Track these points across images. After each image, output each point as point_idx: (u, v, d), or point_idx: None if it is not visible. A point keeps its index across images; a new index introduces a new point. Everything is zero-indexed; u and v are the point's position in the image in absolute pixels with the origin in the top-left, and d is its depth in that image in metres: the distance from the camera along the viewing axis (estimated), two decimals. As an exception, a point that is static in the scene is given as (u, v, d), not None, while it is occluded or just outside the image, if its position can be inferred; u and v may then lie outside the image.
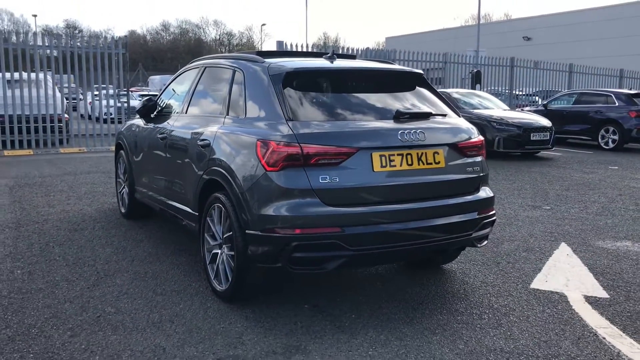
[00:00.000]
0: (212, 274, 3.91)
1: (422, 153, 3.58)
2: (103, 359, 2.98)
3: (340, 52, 14.81)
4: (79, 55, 13.48)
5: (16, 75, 12.92)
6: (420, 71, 4.26)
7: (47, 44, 13.52)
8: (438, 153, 3.65)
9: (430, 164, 3.61)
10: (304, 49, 15.39)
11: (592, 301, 3.91)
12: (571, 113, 15.44)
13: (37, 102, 13.00)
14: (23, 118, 12.91)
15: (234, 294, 3.68)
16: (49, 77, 13.40)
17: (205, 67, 4.74)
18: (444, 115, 3.95)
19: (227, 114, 4.03)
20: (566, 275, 4.46)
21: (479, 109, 12.90)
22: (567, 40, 41.61)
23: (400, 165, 3.49)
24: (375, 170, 3.42)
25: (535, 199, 7.66)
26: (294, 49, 14.69)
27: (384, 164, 3.44)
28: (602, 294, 4.06)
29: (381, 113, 3.71)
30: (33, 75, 13.10)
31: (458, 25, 67.08)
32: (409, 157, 3.53)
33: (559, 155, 13.18)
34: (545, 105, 16.23)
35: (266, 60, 3.97)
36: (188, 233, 5.40)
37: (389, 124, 3.59)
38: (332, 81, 3.88)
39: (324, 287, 4.11)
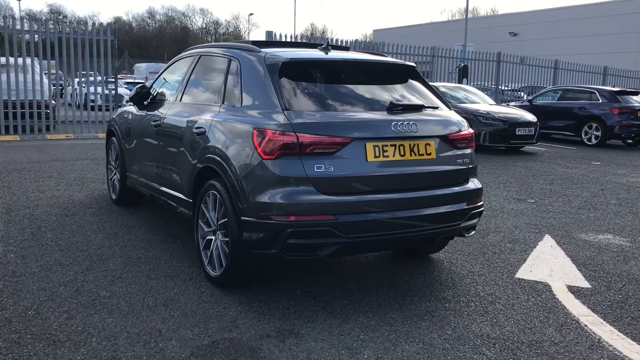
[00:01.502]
0: (205, 259, 3.98)
1: (414, 144, 3.67)
2: (100, 340, 3.04)
3: (330, 43, 14.85)
4: (66, 41, 13.38)
5: (2, 60, 12.79)
6: (413, 64, 4.34)
7: (34, 29, 13.40)
8: (430, 144, 3.74)
9: (422, 155, 3.70)
10: (292, 40, 15.41)
11: (574, 291, 4.04)
12: (555, 109, 15.66)
13: (23, 88, 12.90)
14: (9, 103, 12.81)
15: (228, 280, 3.76)
16: (36, 63, 13.28)
17: (200, 56, 4.78)
18: (436, 107, 4.04)
19: (223, 103, 4.09)
20: (550, 265, 4.59)
21: (465, 103, 13.05)
22: (553, 36, 42.03)
23: (393, 156, 3.58)
24: (368, 160, 3.50)
25: (520, 192, 7.81)
26: (283, 39, 14.70)
27: (377, 154, 3.53)
28: (584, 284, 4.20)
29: (375, 104, 3.79)
30: (20, 60, 12.98)
31: (445, 19, 67.34)
32: (401, 148, 3.62)
33: (543, 150, 13.39)
34: (530, 101, 16.44)
35: (262, 50, 4.02)
36: (180, 219, 5.45)
37: (382, 115, 3.68)
38: (328, 72, 3.95)
39: (316, 274, 4.20)
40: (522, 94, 21.40)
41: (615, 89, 15.77)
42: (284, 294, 3.77)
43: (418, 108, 3.88)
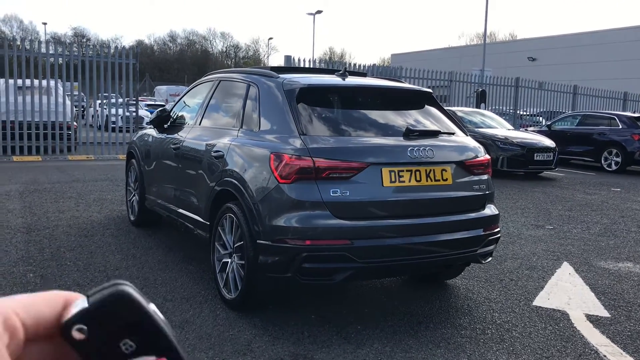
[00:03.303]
0: (221, 282, 4.00)
1: (430, 170, 3.68)
2: (116, 361, 3.06)
3: (348, 68, 14.97)
4: (90, 64, 13.67)
5: (27, 82, 13.09)
6: (430, 90, 4.38)
7: (59, 52, 13.72)
8: (446, 170, 3.75)
9: (438, 180, 3.71)
10: (311, 64, 15.57)
11: (593, 320, 3.98)
12: (575, 134, 15.55)
13: (46, 109, 13.16)
14: (32, 124, 13.07)
15: (243, 303, 3.77)
16: (59, 85, 13.56)
17: (220, 81, 4.86)
18: (452, 133, 4.06)
19: (241, 127, 4.15)
20: (568, 293, 4.54)
21: (483, 127, 13.02)
22: (572, 61, 41.85)
23: (409, 181, 3.60)
24: (384, 185, 3.52)
25: (538, 218, 7.74)
26: (302, 63, 14.86)
27: (393, 180, 3.55)
28: (604, 313, 4.13)
29: (391, 130, 3.83)
30: (44, 82, 13.27)
31: (463, 43, 67.56)
32: (417, 173, 3.63)
33: (562, 175, 13.27)
34: (549, 126, 16.35)
35: (280, 75, 4.09)
36: (197, 241, 5.49)
37: (398, 141, 3.70)
38: (344, 97, 4.00)
39: (331, 299, 4.19)
40: (540, 119, 21.31)
41: (636, 114, 15.63)
42: (299, 318, 3.76)
43: (434, 134, 3.90)
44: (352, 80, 4.23)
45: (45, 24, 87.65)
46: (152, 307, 0.44)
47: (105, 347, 0.43)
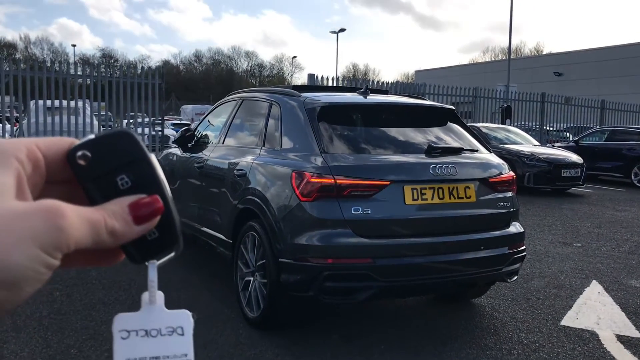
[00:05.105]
0: (244, 300, 3.99)
1: (453, 187, 3.65)
2: (138, 380, 3.07)
3: (371, 85, 15.04)
4: (117, 84, 13.94)
5: (56, 102, 13.38)
6: (452, 107, 4.36)
7: (87, 73, 14.02)
8: (469, 188, 3.71)
9: (462, 198, 3.67)
10: (334, 82, 15.63)
11: (624, 340, 3.87)
12: (603, 150, 15.28)
13: (74, 129, 13.40)
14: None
15: (266, 321, 3.76)
16: (87, 105, 13.83)
17: (243, 100, 4.91)
18: (475, 150, 4.02)
19: (263, 146, 4.17)
20: (597, 313, 4.43)
21: (508, 144, 12.89)
22: (600, 76, 41.30)
23: (432, 199, 3.57)
24: (406, 203, 3.50)
25: (565, 235, 7.60)
26: (325, 81, 14.93)
27: (415, 197, 3.52)
28: (635, 333, 4.02)
29: (413, 147, 3.81)
30: (72, 103, 13.55)
31: (488, 59, 67.21)
32: (440, 191, 3.60)
33: (590, 192, 13.04)
34: (576, 142, 16.11)
35: (302, 94, 4.11)
36: (220, 260, 5.50)
37: (421, 158, 3.68)
38: (366, 115, 4.01)
39: (353, 318, 4.16)
40: (567, 134, 21.01)
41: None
42: (321, 338, 3.74)
43: (457, 151, 3.87)
44: (373, 97, 4.23)
45: (74, 45, 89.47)
46: (152, 155, 0.47)
47: (104, 178, 0.46)
